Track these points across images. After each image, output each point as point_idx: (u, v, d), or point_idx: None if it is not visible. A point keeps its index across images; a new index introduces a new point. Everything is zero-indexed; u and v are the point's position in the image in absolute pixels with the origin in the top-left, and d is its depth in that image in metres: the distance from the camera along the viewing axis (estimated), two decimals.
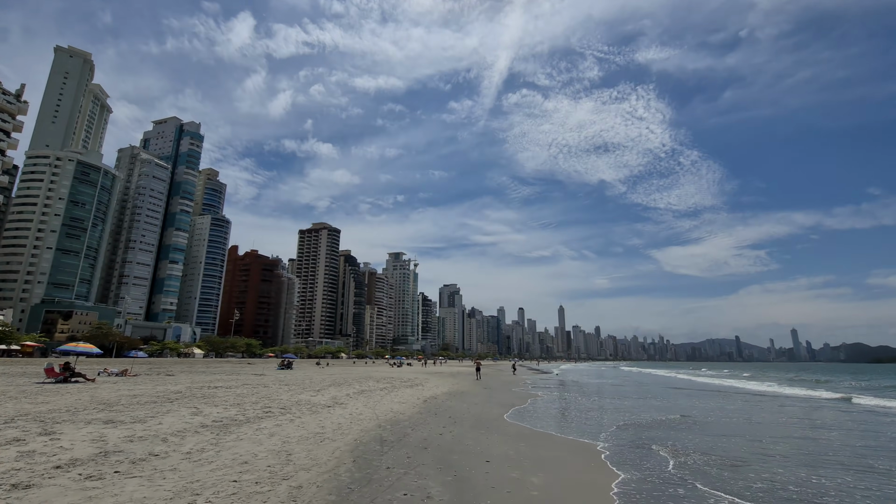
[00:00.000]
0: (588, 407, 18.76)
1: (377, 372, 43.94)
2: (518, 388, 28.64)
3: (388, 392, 19.42)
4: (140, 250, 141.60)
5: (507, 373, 59.73)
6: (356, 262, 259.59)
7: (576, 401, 21.08)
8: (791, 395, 28.87)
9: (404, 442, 8.84)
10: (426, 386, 25.38)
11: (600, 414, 16.39)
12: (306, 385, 22.31)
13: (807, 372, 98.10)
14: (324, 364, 75.93)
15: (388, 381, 28.66)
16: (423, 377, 36.49)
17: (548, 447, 9.30)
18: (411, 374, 40.69)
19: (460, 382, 30.45)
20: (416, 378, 33.88)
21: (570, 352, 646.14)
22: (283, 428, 9.36)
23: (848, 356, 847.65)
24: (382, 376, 34.48)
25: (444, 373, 49.52)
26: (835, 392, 29.88)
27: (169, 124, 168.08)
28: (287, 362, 50.44)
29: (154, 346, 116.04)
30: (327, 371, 44.23)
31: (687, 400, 23.51)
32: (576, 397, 23.15)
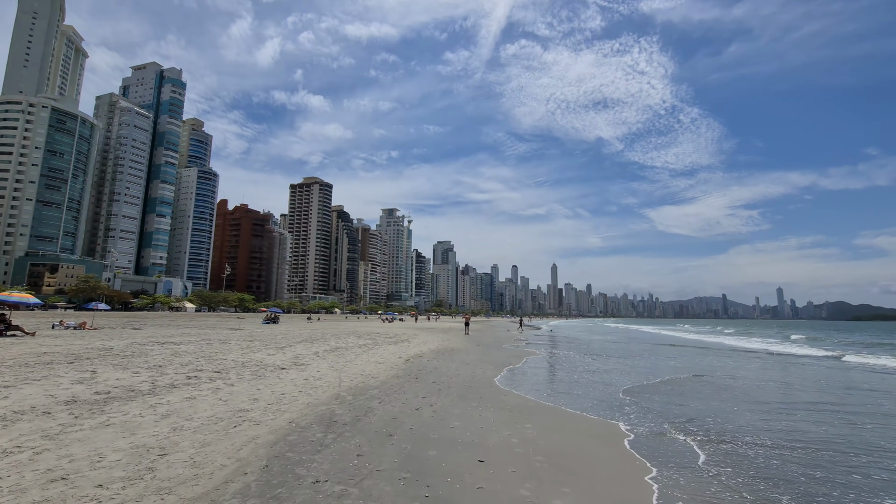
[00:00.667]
0: (590, 367, 16.58)
1: (365, 327, 42.02)
2: (511, 344, 26.65)
3: (366, 350, 17.09)
4: (125, 203, 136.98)
5: (500, 329, 58.35)
6: (349, 218, 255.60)
7: (574, 360, 18.97)
8: (786, 352, 27.12)
9: (362, 424, 6.34)
10: (413, 342, 23.22)
11: (606, 376, 14.16)
12: (274, 341, 19.97)
13: (788, 329, 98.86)
14: (315, 319, 74.49)
15: (372, 336, 26.50)
16: (413, 333, 34.54)
17: (560, 430, 6.87)
18: (401, 330, 38.78)
19: (451, 338, 28.36)
20: (405, 334, 31.84)
21: (561, 309, 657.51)
22: (195, 403, 6.83)
23: (829, 314, 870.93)
24: (368, 332, 32.42)
25: (435, 328, 47.82)
26: (827, 350, 28.35)
27: (148, 70, 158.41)
28: (273, 316, 48.38)
29: (145, 299, 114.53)
30: (313, 326, 42.24)
31: (691, 359, 21.54)
32: (573, 355, 21.09)
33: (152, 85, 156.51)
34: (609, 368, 16.23)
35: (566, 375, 14.00)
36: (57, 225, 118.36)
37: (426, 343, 23.02)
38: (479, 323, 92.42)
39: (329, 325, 49.22)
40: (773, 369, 18.03)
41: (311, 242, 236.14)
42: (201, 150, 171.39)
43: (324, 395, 8.19)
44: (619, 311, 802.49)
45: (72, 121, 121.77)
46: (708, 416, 8.45)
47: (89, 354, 12.34)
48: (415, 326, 50.61)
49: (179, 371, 9.89)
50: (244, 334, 24.66)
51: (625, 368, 16.44)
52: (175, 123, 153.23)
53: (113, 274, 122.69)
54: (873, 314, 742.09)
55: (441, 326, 53.14)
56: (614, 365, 17.42)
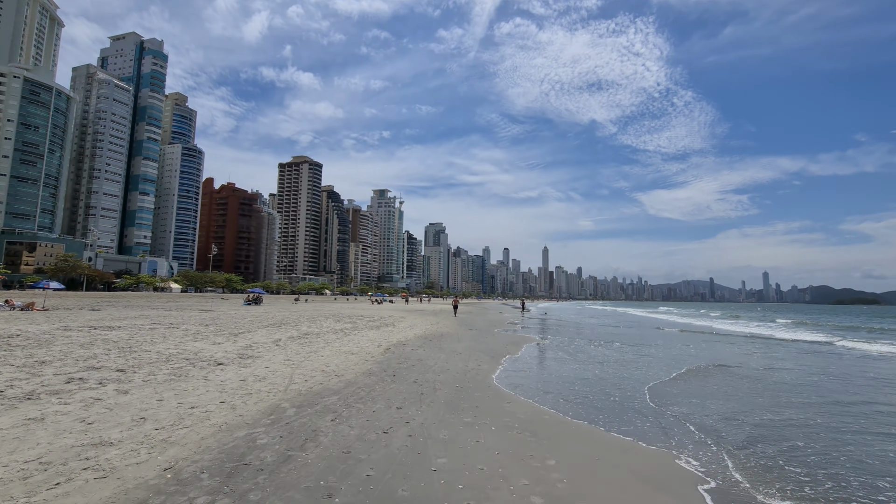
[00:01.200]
0: (597, 357, 14.33)
1: (350, 309, 39.64)
2: (505, 329, 24.49)
3: (341, 336, 14.67)
4: (106, 180, 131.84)
5: (492, 311, 56.35)
6: (339, 199, 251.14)
7: (578, 348, 16.72)
8: (789, 338, 25.16)
9: (289, 470, 3.64)
10: (398, 326, 20.91)
11: (621, 369, 11.91)
12: (234, 325, 17.49)
13: (773, 312, 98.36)
14: (302, 300, 72.00)
15: (354, 320, 24.10)
16: (400, 316, 32.23)
17: (600, 470, 4.45)
18: (388, 312, 36.45)
19: (441, 322, 26.11)
20: (391, 317, 29.51)
21: (552, 291, 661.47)
22: (28, 434, 4.28)
23: (813, 298, 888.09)
24: (351, 314, 30.05)
25: (425, 311, 45.58)
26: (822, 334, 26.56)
27: (128, 41, 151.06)
28: (255, 297, 45.76)
29: (128, 279, 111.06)
30: (294, 307, 39.76)
31: (700, 344, 19.55)
32: (575, 342, 18.93)
33: (132, 57, 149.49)
34: (621, 359, 14.01)
35: (575, 369, 11.73)
36: (34, 202, 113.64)
37: (412, 328, 20.74)
38: (469, 305, 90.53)
39: (313, 306, 46.80)
40: (802, 357, 15.96)
41: (300, 223, 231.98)
42: (185, 126, 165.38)
43: (254, 409, 5.73)
44: (608, 293, 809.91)
45: (46, 92, 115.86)
46: (787, 437, 6.16)
47: None
48: (404, 308, 48.36)
49: (66, 369, 7.30)
50: (209, 317, 22.12)
51: (637, 358, 14.24)
52: (157, 97, 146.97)
53: (95, 253, 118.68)
54: (854, 298, 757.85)
55: (431, 309, 50.96)
56: (624, 354, 15.23)
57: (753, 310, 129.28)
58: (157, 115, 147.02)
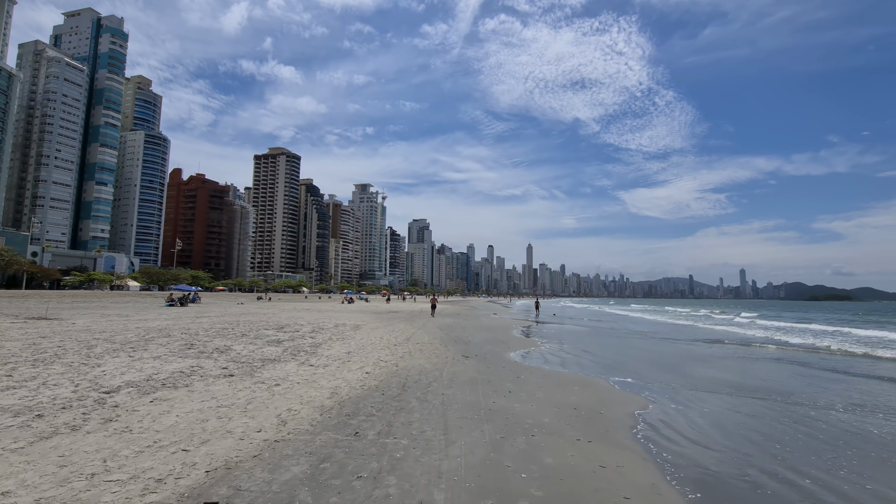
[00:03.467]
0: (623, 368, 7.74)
1: (307, 313, 32.27)
2: (526, 350, 17.93)
3: (165, 409, 7.05)
4: (56, 168, 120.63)
5: (482, 311, 49.74)
6: (319, 193, 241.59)
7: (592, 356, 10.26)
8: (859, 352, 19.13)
9: None
10: (353, 342, 14.08)
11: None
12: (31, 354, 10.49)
13: (765, 308, 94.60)
14: (266, 298, 64.30)
15: (288, 331, 17.07)
16: (364, 322, 25.23)
17: None
18: (352, 316, 29.32)
19: (416, 335, 18.65)
20: (348, 325, 22.44)
21: (536, 289, 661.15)
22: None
23: (787, 294, 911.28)
24: (294, 321, 22.78)
25: (401, 312, 38.56)
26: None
27: (83, 18, 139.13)
28: (181, 297, 37.45)
29: (77, 277, 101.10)
30: (241, 310, 32.37)
31: (742, 363, 13.58)
32: (587, 352, 12.55)
33: (88, 35, 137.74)
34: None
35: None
36: None
37: (374, 347, 13.89)
38: (455, 304, 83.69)
39: (266, 307, 39.31)
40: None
41: (277, 217, 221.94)
42: (149, 112, 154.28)
43: None
44: (591, 290, 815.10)
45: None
46: None
47: None
48: (374, 311, 41.24)
49: None
50: (35, 332, 14.81)
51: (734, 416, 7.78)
52: (116, 79, 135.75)
53: (41, 248, 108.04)
54: (827, 294, 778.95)
55: (410, 309, 44.04)
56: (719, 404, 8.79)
57: (737, 306, 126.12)
58: (116, 99, 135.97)
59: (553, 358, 14.64)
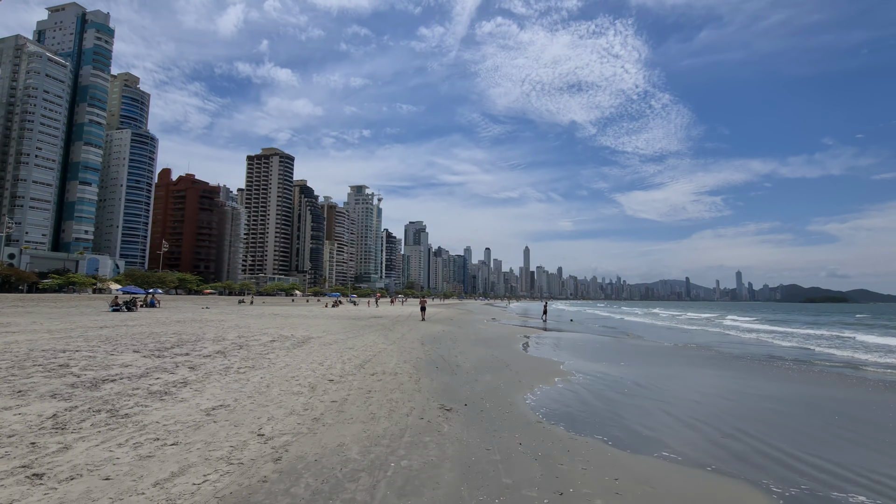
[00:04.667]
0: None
1: (270, 319, 28.24)
2: (514, 353, 14.11)
3: None
4: (37, 166, 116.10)
5: (479, 316, 45.89)
6: (313, 194, 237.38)
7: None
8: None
9: None
10: (262, 375, 9.73)
11: None
12: None
13: (771, 312, 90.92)
14: (247, 302, 60.16)
15: (220, 344, 13.15)
16: (336, 329, 21.29)
17: None
18: (320, 323, 25.29)
19: (391, 348, 14.90)
20: (306, 334, 18.36)
21: (533, 291, 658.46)
22: None
23: (783, 296, 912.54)
24: (245, 332, 18.77)
25: (385, 317, 34.63)
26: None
27: (68, 13, 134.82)
28: (130, 300, 32.80)
29: (56, 280, 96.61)
30: (193, 315, 28.36)
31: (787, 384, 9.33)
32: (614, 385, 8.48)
33: (73, 30, 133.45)
34: None
35: None
36: None
37: (273, 396, 9.60)
38: (449, 307, 79.74)
39: (232, 313, 35.33)
40: None
41: (270, 219, 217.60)
42: (136, 111, 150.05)
43: None
44: (588, 293, 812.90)
45: None
46: None
47: None
48: (356, 315, 37.29)
49: None
50: None
51: None
52: (100, 76, 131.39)
53: (19, 249, 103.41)
54: (824, 296, 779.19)
55: (396, 314, 40.15)
56: None
57: (736, 309, 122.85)
58: (101, 97, 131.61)
59: (607, 413, 7.82)
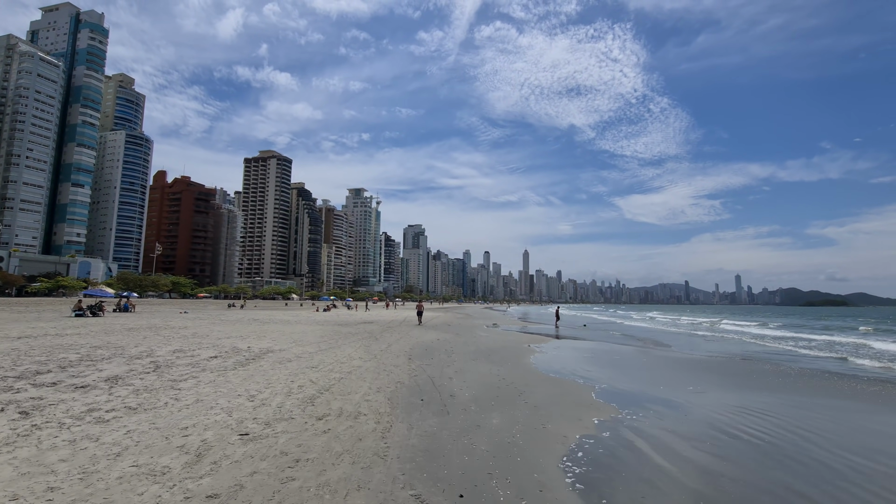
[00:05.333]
0: None
1: (247, 326, 25.98)
2: (527, 372, 11.84)
3: None
4: (28, 167, 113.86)
5: (478, 318, 43.63)
6: (311, 197, 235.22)
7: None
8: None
9: None
10: (167, 418, 7.55)
11: None
12: None
13: (772, 316, 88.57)
14: (238, 306, 57.85)
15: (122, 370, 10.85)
16: (311, 338, 18.94)
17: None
18: (297, 331, 22.96)
19: (369, 365, 11.98)
20: (266, 346, 15.73)
21: (532, 295, 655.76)
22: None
23: (783, 300, 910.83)
24: (154, 347, 16.58)
25: (376, 322, 32.35)
26: None
27: (61, 13, 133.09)
28: (93, 305, 29.82)
29: (44, 283, 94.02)
30: (161, 321, 26.15)
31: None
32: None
33: (66, 30, 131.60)
34: None
35: None
36: None
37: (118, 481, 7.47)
38: (447, 311, 77.29)
39: (209, 318, 33.06)
40: None
41: (267, 222, 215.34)
42: (131, 112, 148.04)
43: None
44: (587, 297, 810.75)
45: None
46: None
47: None
48: (344, 321, 34.97)
49: None
50: None
51: None
52: (94, 76, 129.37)
53: (7, 252, 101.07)
54: (823, 300, 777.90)
55: (389, 319, 37.85)
56: None
57: (738, 312, 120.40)
58: (94, 97, 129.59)
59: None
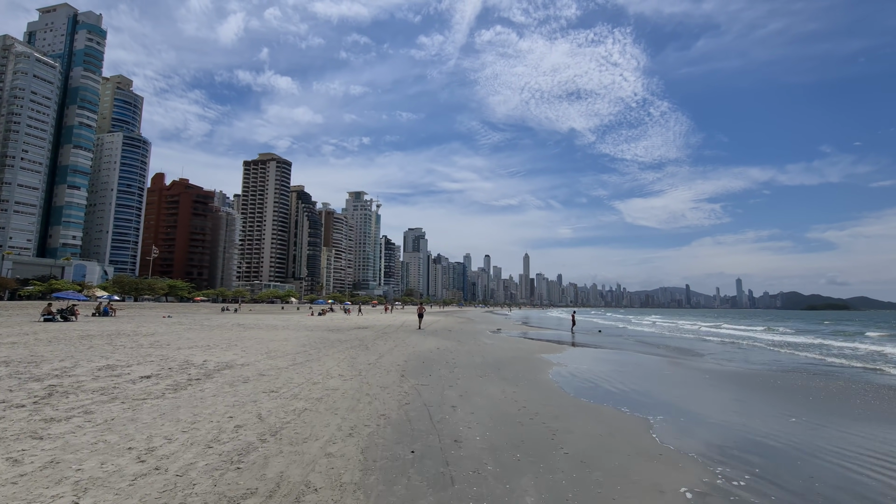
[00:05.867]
0: None
1: (225, 332, 24.05)
2: (551, 394, 9.88)
3: None
4: (22, 169, 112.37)
5: (481, 323, 41.78)
6: (310, 200, 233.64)
7: None
8: None
9: None
10: None
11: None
12: None
13: (776, 320, 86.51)
14: (231, 310, 56.08)
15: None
16: (290, 348, 17.10)
17: None
18: (277, 337, 21.10)
19: (348, 385, 9.21)
20: (221, 360, 13.72)
21: (532, 299, 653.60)
22: None
23: (783, 304, 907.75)
24: (76, 363, 14.77)
25: (371, 328, 30.51)
26: None
27: (59, 14, 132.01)
28: (66, 308, 27.68)
29: (37, 287, 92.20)
30: (132, 327, 24.37)
31: None
32: None
33: (64, 31, 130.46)
34: None
35: None
36: None
37: None
38: (448, 315, 75.47)
39: (200, 323, 31.20)
40: None
41: (266, 225, 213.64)
42: (129, 114, 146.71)
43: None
44: (588, 300, 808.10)
45: None
46: None
47: None
48: (337, 327, 33.07)
49: None
50: None
51: None
52: (91, 77, 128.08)
53: (1, 255, 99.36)
54: (826, 304, 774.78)
55: (386, 323, 36.03)
56: None
57: (755, 316, 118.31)
58: (91, 99, 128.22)
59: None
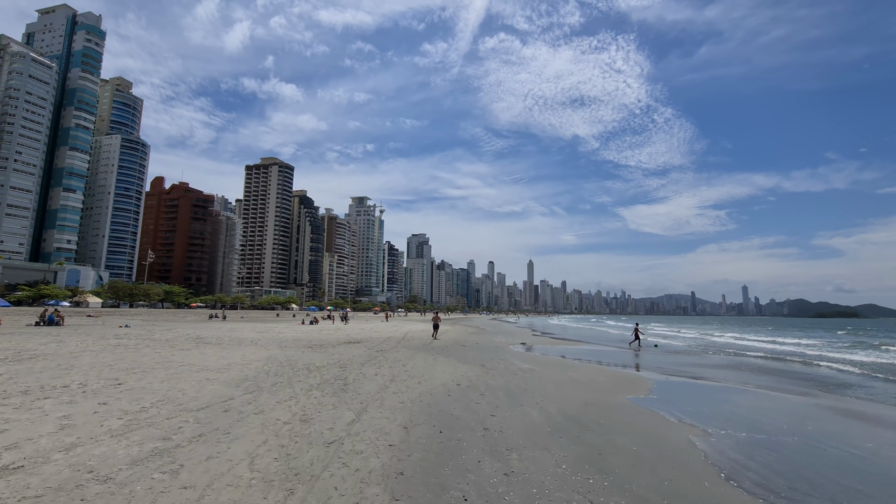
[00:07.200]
0: None
1: (174, 352, 20.07)
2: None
3: None
4: (16, 171, 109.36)
5: (496, 335, 37.57)
6: (312, 205, 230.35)
7: None
8: None
9: None
10: None
11: None
12: None
13: (792, 328, 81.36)
14: (219, 317, 52.09)
15: None
16: (237, 378, 12.81)
17: None
18: (239, 358, 17.14)
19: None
20: (134, 400, 9.99)
21: (537, 305, 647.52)
22: None
23: (790, 311, 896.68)
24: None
25: (364, 342, 26.24)
26: None
27: (58, 15, 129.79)
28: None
29: (26, 292, 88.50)
30: (76, 343, 20.41)
31: None
32: None
33: (62, 32, 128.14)
34: None
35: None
36: None
37: None
38: (454, 323, 71.20)
39: (151, 339, 27.17)
40: None
41: (268, 230, 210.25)
42: (128, 116, 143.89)
43: None
44: (593, 307, 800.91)
45: None
46: None
47: None
48: (320, 342, 28.86)
49: None
50: None
51: None
52: (89, 79, 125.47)
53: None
54: (834, 311, 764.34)
55: (385, 336, 31.78)
56: None
57: (766, 324, 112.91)
58: (89, 101, 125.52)
59: None
